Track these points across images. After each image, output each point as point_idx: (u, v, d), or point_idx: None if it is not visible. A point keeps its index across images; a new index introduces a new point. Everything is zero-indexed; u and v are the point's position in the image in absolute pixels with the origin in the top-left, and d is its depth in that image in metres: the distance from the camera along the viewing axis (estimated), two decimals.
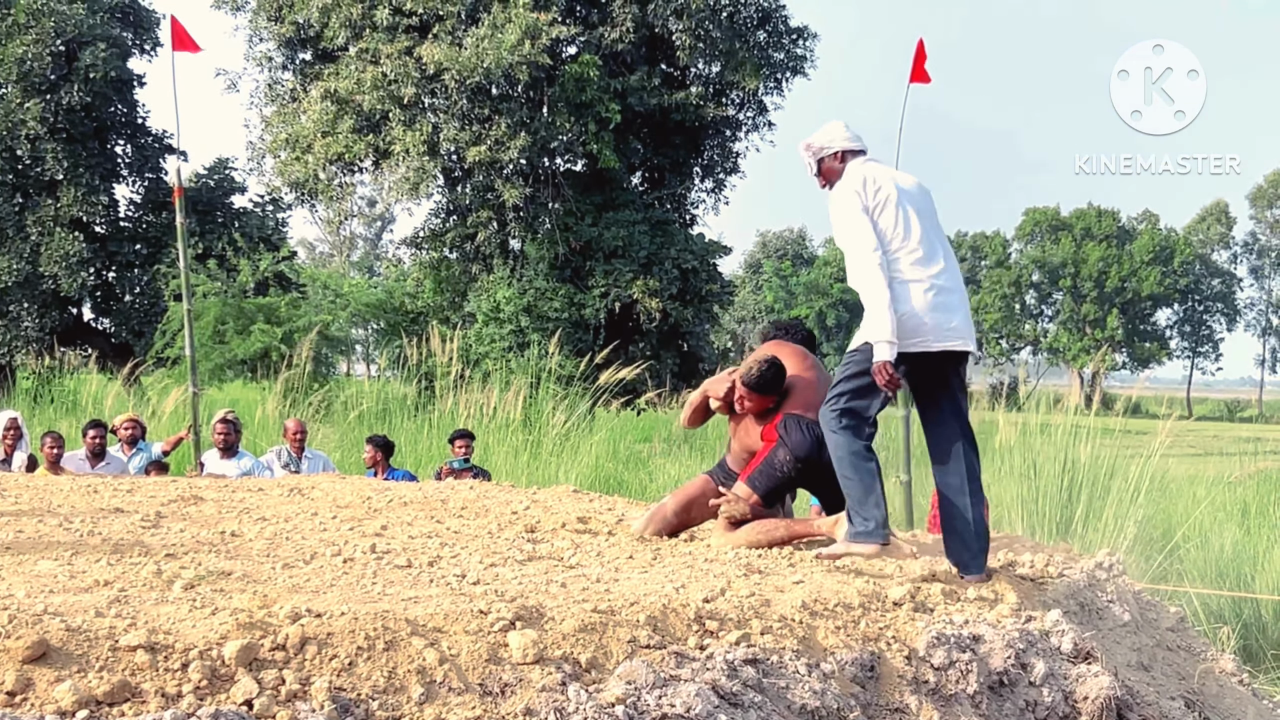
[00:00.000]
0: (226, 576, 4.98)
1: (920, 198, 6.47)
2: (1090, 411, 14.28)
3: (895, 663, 4.68)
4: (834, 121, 6.81)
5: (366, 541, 6.19)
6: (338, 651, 3.72)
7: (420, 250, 36.62)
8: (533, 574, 5.48)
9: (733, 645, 4.30)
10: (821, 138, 6.72)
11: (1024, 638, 5.09)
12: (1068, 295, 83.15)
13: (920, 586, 5.44)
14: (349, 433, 18.63)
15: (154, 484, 9.05)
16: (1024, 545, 7.36)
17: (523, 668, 3.86)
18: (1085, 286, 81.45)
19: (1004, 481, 13.76)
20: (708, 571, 5.74)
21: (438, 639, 3.91)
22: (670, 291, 31.79)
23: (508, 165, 31.28)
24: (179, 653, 3.59)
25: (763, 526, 6.91)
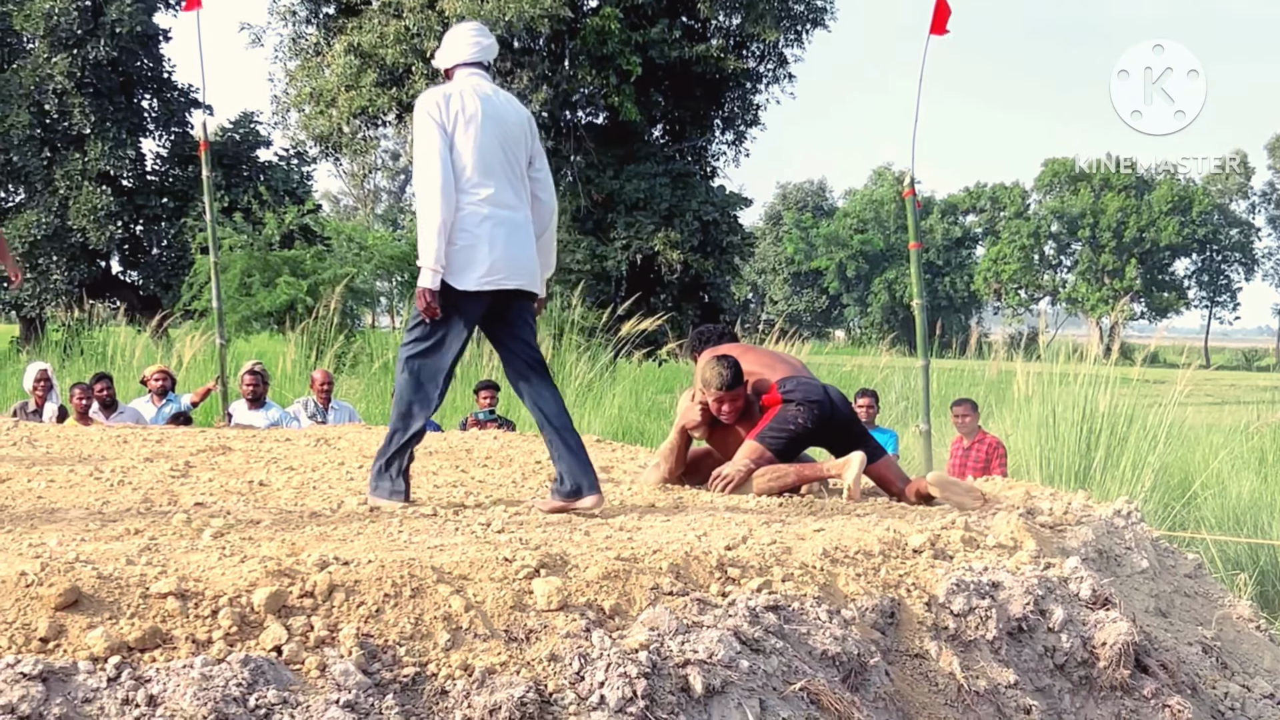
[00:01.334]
0: (255, 525, 5.00)
1: (513, 125, 6.19)
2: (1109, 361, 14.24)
3: (915, 609, 4.68)
4: (457, 29, 6.45)
5: None
6: (365, 599, 3.73)
7: None
8: (557, 522, 5.49)
9: (754, 592, 4.30)
10: (439, 56, 6.44)
11: (1043, 584, 5.09)
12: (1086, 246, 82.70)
13: (940, 534, 5.43)
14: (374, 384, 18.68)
15: (183, 434, 9.08)
16: (1043, 493, 7.34)
17: (547, 614, 3.87)
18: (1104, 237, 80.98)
19: (1022, 431, 13.74)
20: (730, 520, 5.74)
21: (463, 586, 3.92)
22: (691, 243, 31.69)
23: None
24: (209, 600, 3.60)
25: (773, 473, 6.88)
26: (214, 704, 3.13)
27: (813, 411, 7.07)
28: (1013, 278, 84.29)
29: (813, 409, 7.07)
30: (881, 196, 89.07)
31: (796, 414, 7.06)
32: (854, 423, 7.40)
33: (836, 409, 7.21)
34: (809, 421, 7.06)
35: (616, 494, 6.64)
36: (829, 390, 7.29)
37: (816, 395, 7.12)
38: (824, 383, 7.41)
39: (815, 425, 7.10)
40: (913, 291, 10.70)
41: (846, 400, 7.47)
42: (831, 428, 7.19)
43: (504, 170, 6.11)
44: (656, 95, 33.08)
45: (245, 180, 33.42)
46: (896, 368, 23.06)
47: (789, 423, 7.06)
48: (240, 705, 3.18)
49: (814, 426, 7.10)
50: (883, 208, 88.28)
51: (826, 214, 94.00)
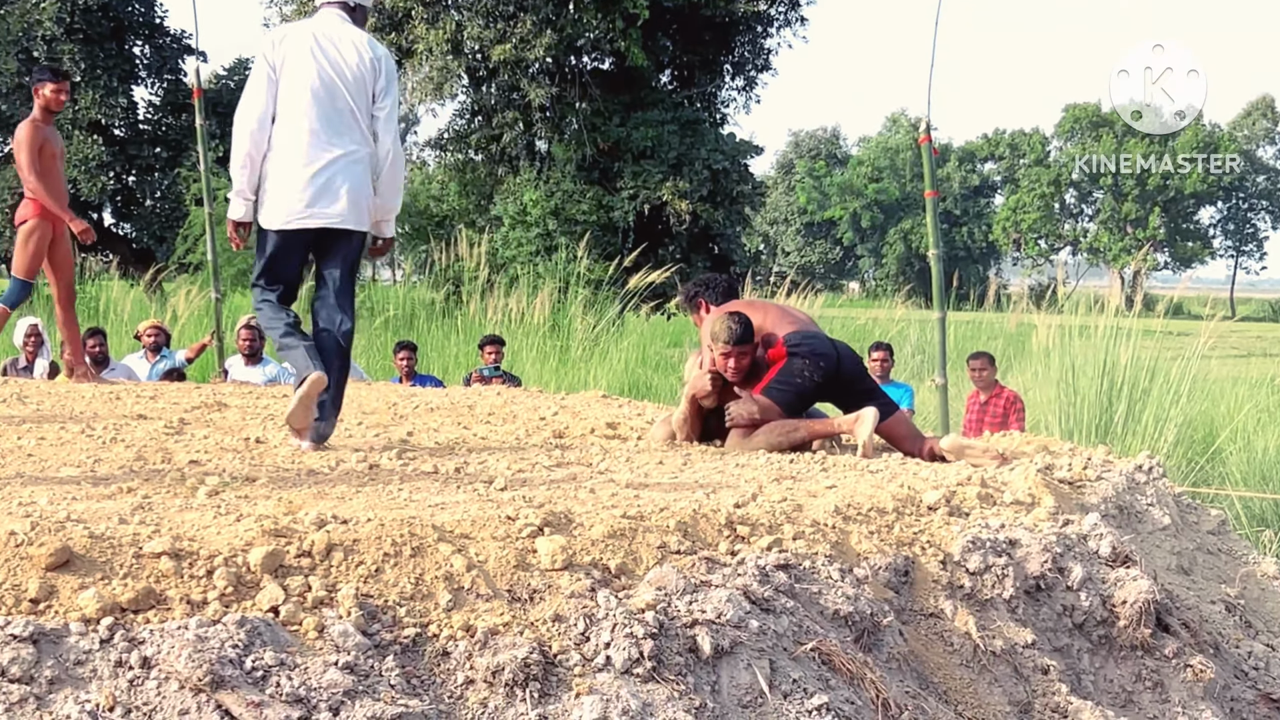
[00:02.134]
0: (251, 483, 5.01)
1: (352, 65, 6.41)
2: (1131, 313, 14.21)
3: (930, 567, 4.68)
4: None
5: (393, 448, 6.23)
6: (364, 558, 3.74)
7: (445, 152, 36.50)
8: (561, 479, 5.49)
9: (764, 551, 4.30)
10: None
11: (1061, 541, 5.09)
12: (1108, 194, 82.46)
13: (955, 490, 5.43)
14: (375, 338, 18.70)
15: (177, 390, 9.10)
16: (1062, 448, 7.33)
17: (551, 574, 3.87)
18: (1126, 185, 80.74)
19: (1042, 385, 13.74)
20: (739, 477, 5.75)
21: (465, 545, 3.92)
22: (700, 193, 31.63)
23: (533, 64, 31.07)
24: (204, 560, 3.60)
25: (781, 428, 6.88)
26: (209, 666, 3.14)
27: (819, 366, 7.06)
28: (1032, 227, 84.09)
29: (819, 363, 7.06)
30: (897, 144, 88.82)
31: (803, 367, 7.05)
32: (863, 378, 7.39)
33: (844, 364, 7.19)
34: (816, 375, 7.05)
35: (623, 450, 6.65)
36: (837, 345, 7.28)
37: (824, 349, 7.11)
38: (832, 338, 7.40)
39: (822, 380, 7.09)
40: (929, 242, 10.68)
41: (856, 356, 7.46)
42: (840, 383, 7.18)
43: (330, 110, 6.35)
44: (664, 40, 32.95)
45: None
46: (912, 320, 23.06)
47: (795, 376, 7.05)
48: (236, 667, 3.18)
49: (821, 381, 7.09)
50: (898, 155, 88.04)
51: (840, 162, 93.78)
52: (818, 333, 7.32)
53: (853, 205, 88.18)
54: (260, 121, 6.30)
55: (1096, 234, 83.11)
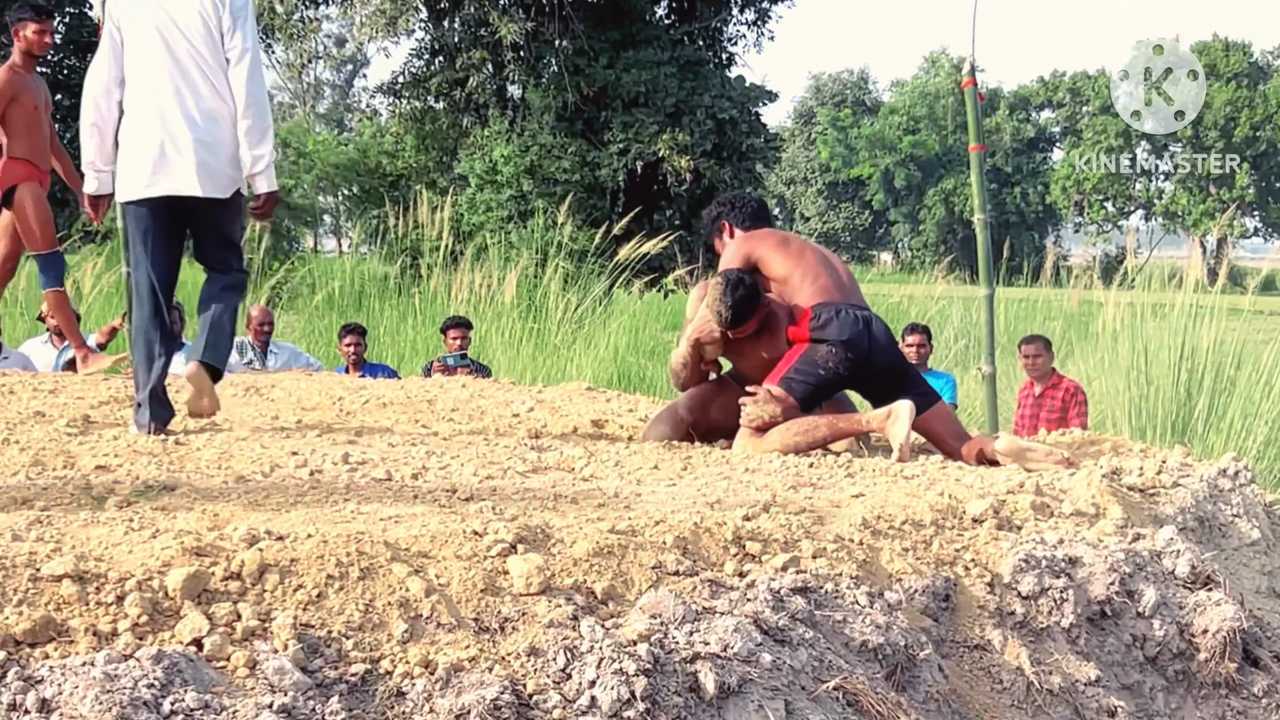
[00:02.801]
0: (170, 492, 5.01)
1: (187, 14, 6.85)
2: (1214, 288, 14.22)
3: (975, 591, 4.70)
4: None
5: (338, 450, 6.24)
6: (304, 581, 3.74)
7: (400, 99, 36.45)
8: (538, 488, 5.50)
9: (779, 571, 4.31)
10: None
11: (1131, 560, 5.10)
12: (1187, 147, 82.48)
13: (1005, 499, 5.45)
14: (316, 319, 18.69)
15: (82, 383, 9.09)
16: (1131, 449, 7.35)
17: (526, 599, 3.88)
18: (1209, 136, 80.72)
19: (1109, 374, 13.76)
20: (748, 484, 5.76)
21: (424, 565, 3.93)
22: (704, 147, 31.63)
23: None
24: (113, 583, 3.60)
25: (799, 426, 6.89)
26: (120, 709, 3.13)
27: (845, 356, 7.06)
28: (1097, 187, 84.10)
29: (846, 352, 7.06)
30: (936, 88, 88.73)
31: (827, 357, 7.06)
32: (899, 364, 7.40)
33: (877, 348, 7.19)
34: (840, 367, 7.06)
35: (611, 453, 6.66)
36: (872, 323, 7.27)
37: (851, 333, 7.11)
38: (867, 310, 7.37)
39: (848, 372, 7.10)
40: (974, 205, 10.67)
41: (890, 335, 7.46)
42: (870, 371, 7.19)
43: (171, 66, 6.85)
44: None
45: None
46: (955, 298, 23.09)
47: (818, 367, 7.06)
48: (152, 711, 3.18)
49: (846, 374, 7.10)
50: (938, 102, 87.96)
51: (869, 111, 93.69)
52: (848, 305, 7.29)
53: (884, 161, 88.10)
54: (105, 88, 6.92)
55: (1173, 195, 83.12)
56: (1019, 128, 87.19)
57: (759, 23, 35.73)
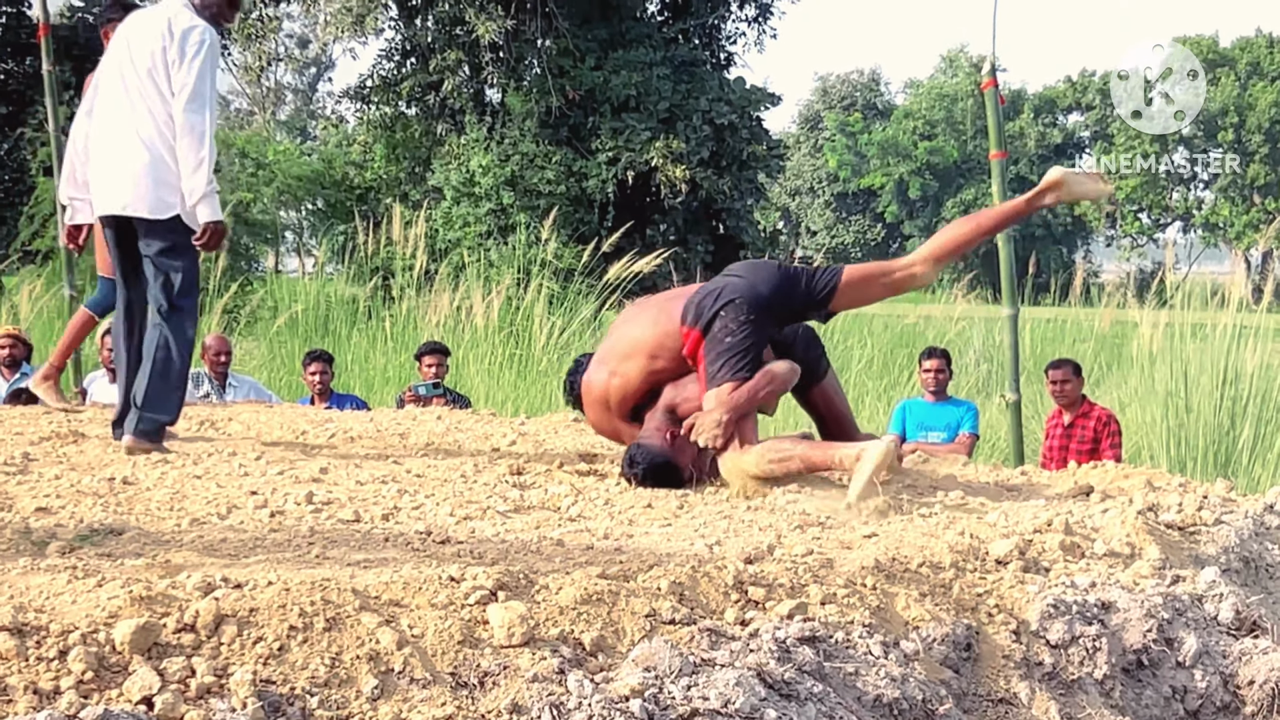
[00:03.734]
0: (117, 537, 5.01)
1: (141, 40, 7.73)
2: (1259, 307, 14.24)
3: (999, 639, 4.70)
4: None
5: (301, 489, 6.24)
6: (264, 633, 3.74)
7: (368, 105, 36.49)
8: (520, 529, 5.50)
9: (784, 619, 4.31)
10: None
11: (1169, 604, 5.11)
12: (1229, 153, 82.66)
13: (1032, 539, 5.45)
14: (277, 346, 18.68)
15: (21, 417, 9.08)
16: (1170, 483, 7.36)
17: (507, 652, 3.88)
18: (1253, 141, 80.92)
19: (1144, 401, 13.77)
20: (750, 523, 5.76)
21: (395, 615, 3.92)
22: (700, 155, 31.68)
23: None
24: (55, 636, 3.60)
25: (774, 452, 6.82)
26: None
27: (740, 307, 7.00)
28: (1131, 196, 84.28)
29: (738, 305, 7.01)
30: (955, 90, 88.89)
31: (726, 323, 7.00)
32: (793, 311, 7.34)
33: (779, 299, 7.14)
34: (746, 316, 6.99)
35: (601, 491, 6.66)
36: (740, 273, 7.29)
37: (720, 287, 7.09)
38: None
39: (759, 314, 7.04)
40: None
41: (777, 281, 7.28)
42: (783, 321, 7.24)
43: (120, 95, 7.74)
44: None
45: None
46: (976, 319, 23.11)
47: (726, 336, 6.99)
48: None
49: (758, 316, 7.04)
50: (956, 105, 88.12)
51: (881, 115, 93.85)
52: (714, 282, 7.27)
53: (898, 170, 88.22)
54: (77, 120, 8.29)
55: (1214, 205, 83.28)
56: (1045, 132, 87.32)
57: (760, 19, 35.83)
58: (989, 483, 7.60)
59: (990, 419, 14.89)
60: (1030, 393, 14.00)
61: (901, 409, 12.52)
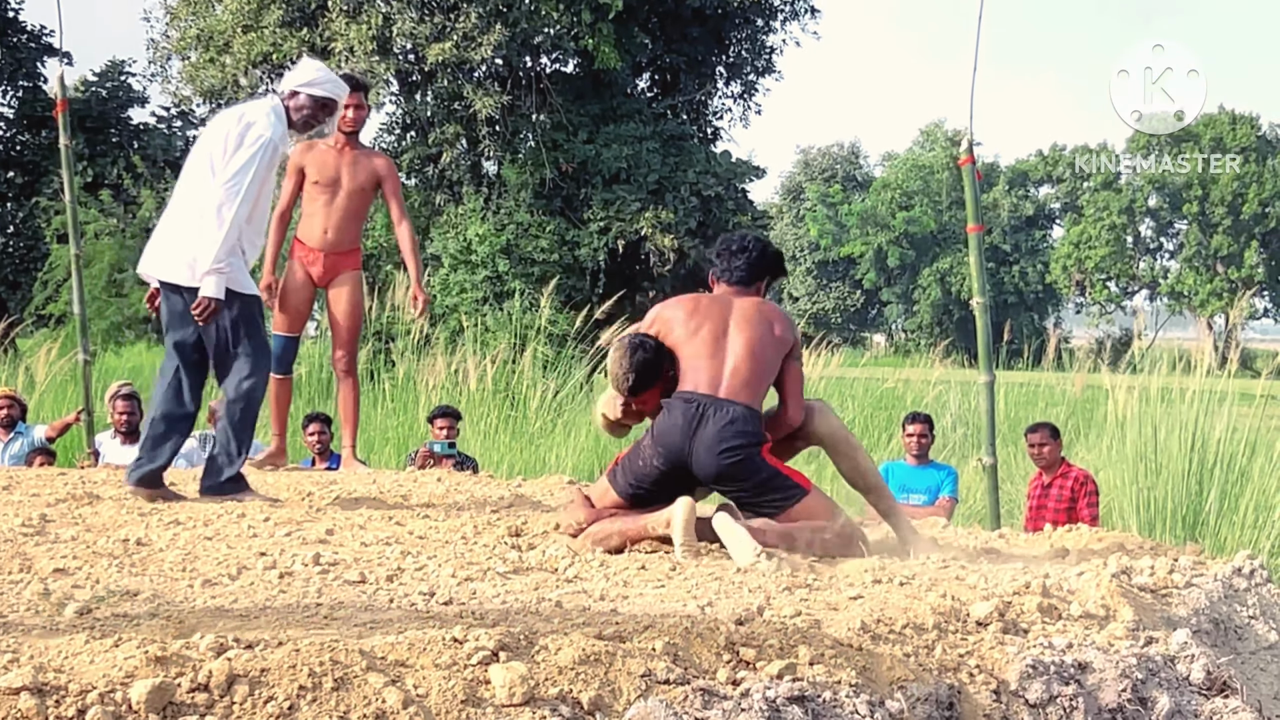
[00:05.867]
0: (132, 597, 5.00)
1: (209, 137, 8.34)
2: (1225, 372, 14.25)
3: (980, 699, 4.69)
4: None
5: (308, 550, 6.23)
6: (274, 692, 3.73)
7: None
8: (519, 590, 5.50)
9: (774, 679, 4.30)
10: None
11: (1143, 665, 5.10)
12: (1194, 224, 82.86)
13: (1011, 601, 5.45)
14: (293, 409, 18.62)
15: (36, 478, 9.07)
16: (1141, 547, 7.36)
17: (509, 710, 3.87)
18: (1216, 213, 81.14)
19: (1115, 464, 13.76)
20: (740, 585, 5.76)
21: (401, 675, 3.92)
22: (688, 225, 31.73)
23: (479, 67, 31.23)
24: (74, 696, 3.59)
25: (597, 534, 6.81)
26: None
27: (657, 451, 6.91)
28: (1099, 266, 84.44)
29: (657, 447, 6.92)
30: (931, 162, 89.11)
31: (646, 451, 6.96)
32: (730, 473, 7.00)
33: (699, 451, 6.87)
34: (654, 462, 6.92)
35: (597, 551, 6.65)
36: (706, 422, 6.93)
37: (664, 427, 6.90)
38: (721, 405, 6.98)
39: (663, 469, 6.94)
40: (973, 287, 10.73)
41: (728, 440, 6.95)
42: (690, 477, 6.99)
43: (186, 174, 8.38)
44: (642, 36, 33.14)
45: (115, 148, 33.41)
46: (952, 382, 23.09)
47: (638, 460, 6.99)
48: None
49: (662, 470, 6.95)
50: (933, 176, 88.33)
51: (860, 186, 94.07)
52: (694, 396, 7.01)
53: (876, 239, 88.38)
54: None
55: (1180, 274, 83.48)
56: (1018, 204, 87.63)
57: (745, 96, 35.96)
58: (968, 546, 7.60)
59: (966, 481, 14.86)
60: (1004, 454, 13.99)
61: (884, 470, 12.50)
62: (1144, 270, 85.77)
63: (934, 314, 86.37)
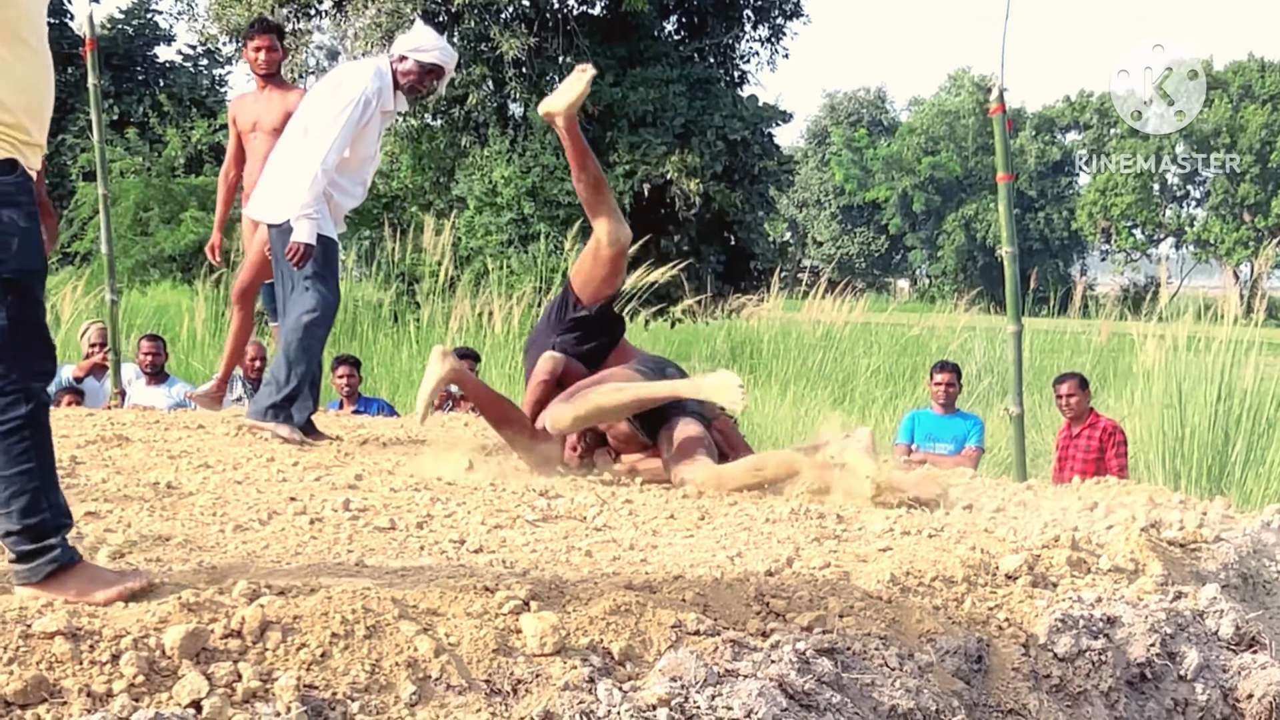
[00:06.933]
0: (164, 542, 5.01)
1: (324, 81, 9.27)
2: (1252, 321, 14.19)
3: (1009, 652, 4.69)
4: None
5: (338, 495, 6.24)
6: (307, 639, 3.73)
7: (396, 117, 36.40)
8: (549, 538, 5.50)
9: (804, 631, 4.31)
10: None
11: (1172, 619, 5.10)
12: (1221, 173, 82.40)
13: (1040, 554, 5.44)
14: None
15: (65, 419, 9.07)
16: (1170, 500, 7.33)
17: (540, 660, 3.87)
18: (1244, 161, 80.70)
19: (1142, 414, 13.70)
20: (769, 535, 5.76)
21: (433, 624, 3.92)
22: (714, 169, 31.62)
23: (507, 7, 31.10)
24: (108, 641, 3.60)
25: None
26: None
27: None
28: (1125, 213, 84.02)
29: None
30: (957, 107, 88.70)
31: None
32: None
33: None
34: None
35: (623, 499, 6.65)
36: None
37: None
38: None
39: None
40: (1002, 237, 10.68)
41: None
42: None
43: (289, 126, 9.07)
44: None
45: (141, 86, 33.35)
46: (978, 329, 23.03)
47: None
48: None
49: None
50: (959, 122, 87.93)
51: (886, 131, 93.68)
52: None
53: (902, 184, 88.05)
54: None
55: (1206, 222, 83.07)
56: (1044, 150, 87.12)
57: (773, 40, 35.75)
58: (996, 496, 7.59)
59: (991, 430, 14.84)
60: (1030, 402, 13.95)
61: (910, 419, 12.52)
62: (1170, 218, 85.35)
63: (958, 260, 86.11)
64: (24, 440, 4.04)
